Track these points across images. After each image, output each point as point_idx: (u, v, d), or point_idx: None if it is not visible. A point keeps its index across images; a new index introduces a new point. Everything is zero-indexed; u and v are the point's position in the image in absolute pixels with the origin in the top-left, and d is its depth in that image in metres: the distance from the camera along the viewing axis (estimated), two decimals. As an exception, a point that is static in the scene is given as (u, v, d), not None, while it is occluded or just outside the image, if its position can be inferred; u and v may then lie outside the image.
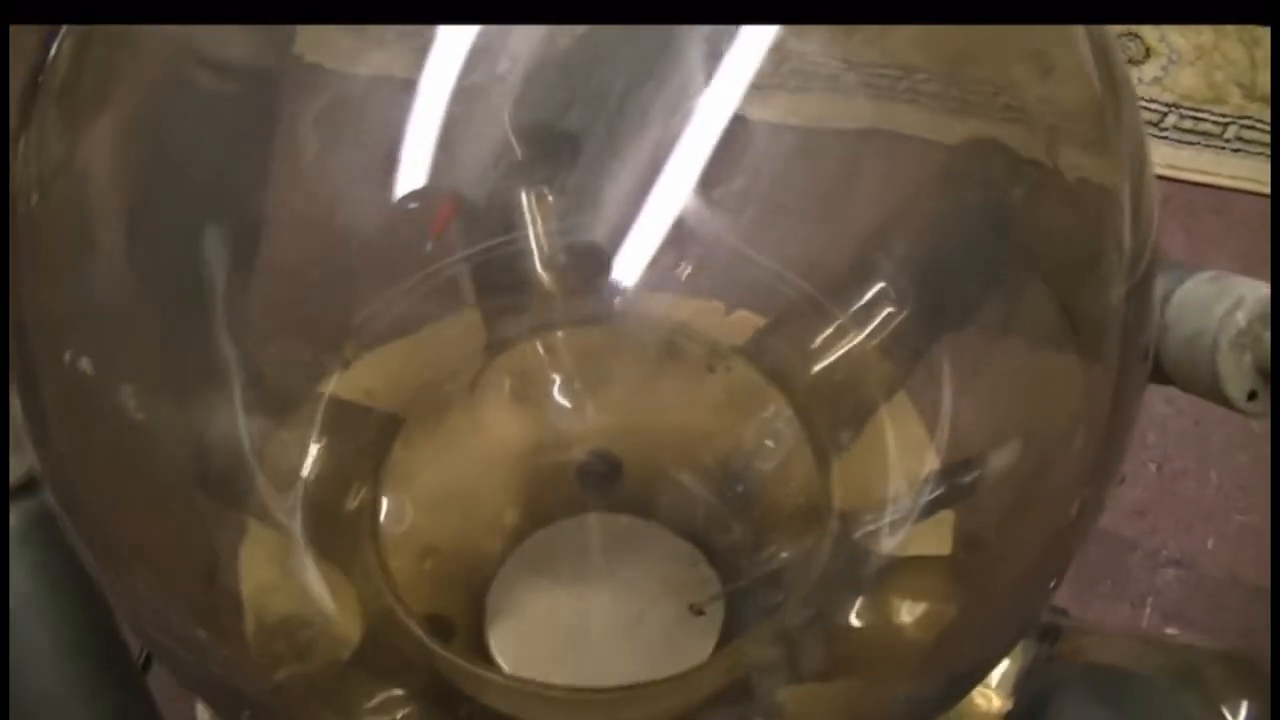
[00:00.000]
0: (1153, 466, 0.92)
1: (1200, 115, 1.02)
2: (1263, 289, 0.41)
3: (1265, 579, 0.89)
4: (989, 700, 0.49)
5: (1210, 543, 0.90)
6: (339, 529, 0.48)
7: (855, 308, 0.49)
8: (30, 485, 0.40)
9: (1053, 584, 0.40)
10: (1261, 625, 0.86)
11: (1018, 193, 0.44)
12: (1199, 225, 1.01)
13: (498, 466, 0.55)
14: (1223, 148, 1.01)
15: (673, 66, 0.45)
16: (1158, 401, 0.94)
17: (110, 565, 0.39)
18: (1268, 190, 0.99)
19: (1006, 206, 0.45)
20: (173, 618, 0.40)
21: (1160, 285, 0.42)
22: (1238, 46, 1.03)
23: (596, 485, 0.56)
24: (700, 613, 0.52)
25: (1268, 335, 0.40)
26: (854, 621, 0.45)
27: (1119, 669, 0.46)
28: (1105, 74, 0.40)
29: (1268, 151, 1.00)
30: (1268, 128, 1.01)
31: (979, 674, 0.41)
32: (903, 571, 0.45)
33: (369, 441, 0.50)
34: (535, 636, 0.52)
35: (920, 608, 0.44)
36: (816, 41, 0.49)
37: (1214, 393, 0.41)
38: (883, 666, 0.44)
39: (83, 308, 0.41)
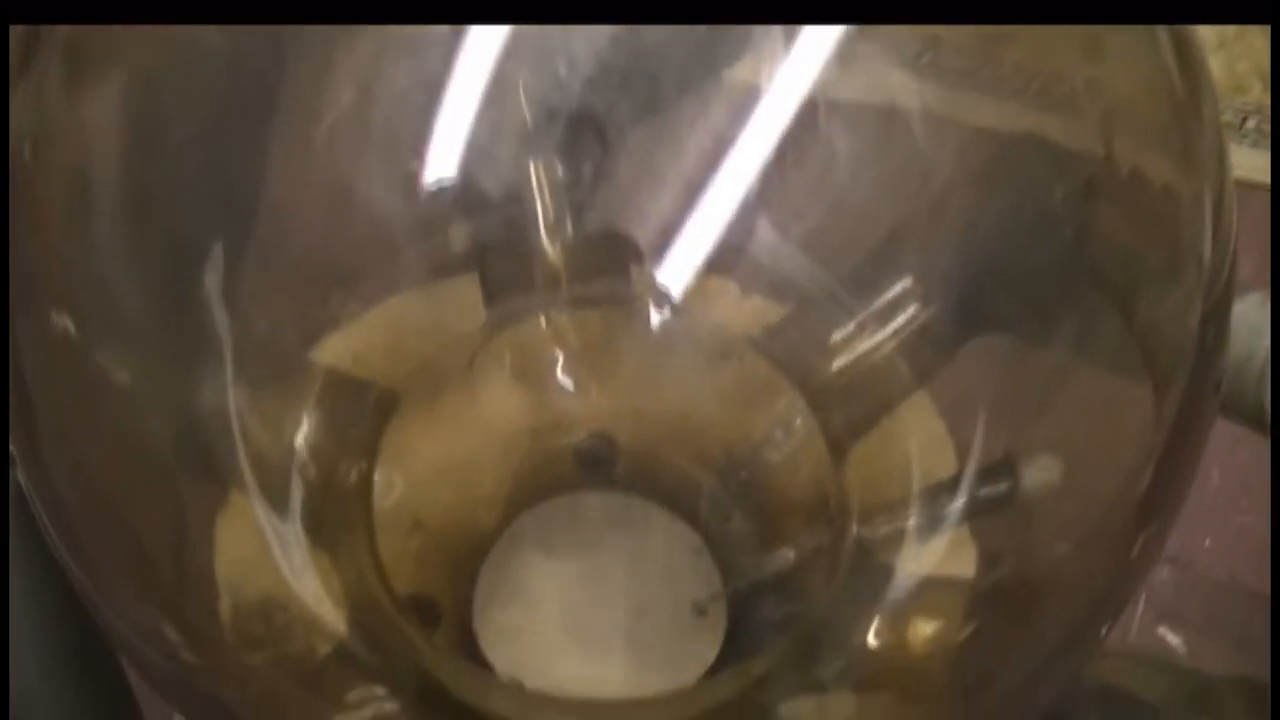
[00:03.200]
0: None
1: (1220, 106, 0.99)
2: None
3: (1262, 582, 0.88)
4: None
5: (1208, 542, 0.89)
6: (327, 505, 0.46)
7: (879, 304, 0.47)
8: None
9: (1105, 631, 0.37)
10: (1258, 627, 0.84)
11: (1065, 192, 0.41)
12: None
13: (494, 444, 0.52)
14: (1241, 140, 0.99)
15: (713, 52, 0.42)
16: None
17: (77, 549, 0.36)
18: None
19: (1054, 208, 0.42)
20: (138, 608, 0.37)
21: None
22: (1260, 36, 1.01)
23: (594, 468, 0.54)
24: (703, 612, 0.50)
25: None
26: (871, 641, 0.43)
27: (1132, 696, 0.44)
28: (1181, 63, 0.37)
29: (1283, 145, 0.98)
30: (1284, 121, 0.99)
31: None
32: (924, 591, 0.43)
33: (361, 416, 0.48)
34: (527, 627, 0.50)
35: (941, 632, 0.42)
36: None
37: (1257, 420, 0.39)
38: (899, 693, 0.42)
39: (70, 266, 0.39)
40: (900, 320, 0.46)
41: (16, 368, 0.36)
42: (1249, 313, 0.39)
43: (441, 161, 0.47)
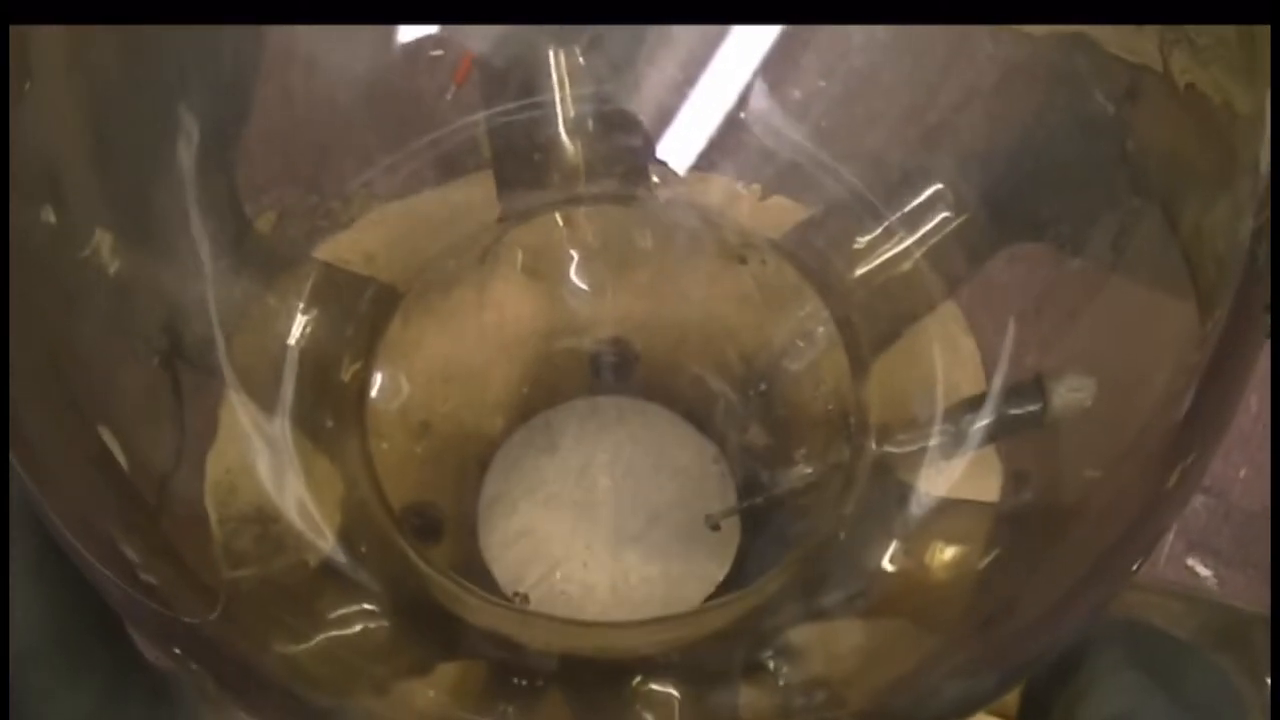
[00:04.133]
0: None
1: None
2: None
3: (1295, 515, 0.85)
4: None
5: (1243, 472, 0.86)
6: (325, 406, 0.44)
7: (908, 208, 0.45)
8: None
9: (1136, 565, 0.35)
10: (1289, 561, 0.82)
11: (1108, 93, 0.39)
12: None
13: (505, 346, 0.50)
14: None
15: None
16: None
17: (36, 461, 0.34)
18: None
19: (1096, 109, 0.39)
20: (109, 526, 0.36)
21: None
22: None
23: (611, 373, 0.52)
24: (716, 527, 0.48)
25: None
26: (886, 566, 0.41)
27: (1158, 631, 0.42)
28: None
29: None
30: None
31: (1037, 662, 0.36)
32: (944, 514, 0.41)
33: (365, 313, 0.46)
34: (533, 531, 0.48)
35: (960, 557, 0.40)
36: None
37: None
38: (914, 620, 0.40)
39: (54, 150, 0.37)
40: (930, 225, 0.44)
41: None
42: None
43: (456, 47, 0.45)
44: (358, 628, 0.39)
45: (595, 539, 0.48)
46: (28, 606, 0.36)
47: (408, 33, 0.44)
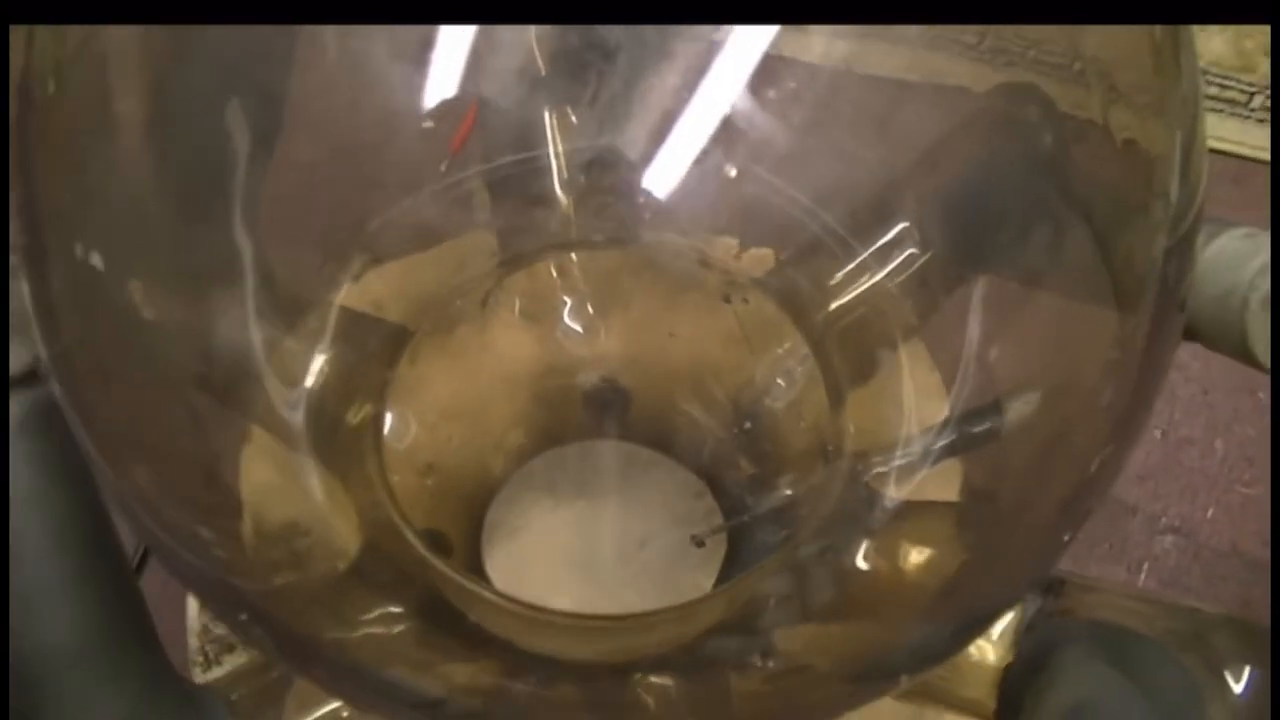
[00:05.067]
0: (1158, 432, 0.92)
1: (1227, 83, 1.00)
2: None
3: (1265, 552, 0.89)
4: (988, 653, 0.49)
5: (1211, 512, 0.90)
6: (341, 440, 0.47)
7: (877, 246, 0.49)
8: (31, 377, 0.39)
9: (1067, 538, 0.39)
10: (1259, 597, 0.85)
11: (1055, 137, 0.43)
12: (1216, 193, 0.99)
13: (505, 386, 0.54)
14: (1248, 117, 0.99)
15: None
16: (1166, 368, 0.93)
17: (112, 459, 0.38)
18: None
19: (1045, 150, 0.43)
20: (173, 514, 0.39)
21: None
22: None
23: (604, 412, 0.55)
24: (701, 544, 0.51)
25: (1300, 294, 0.39)
26: (861, 563, 0.44)
27: (1124, 629, 0.45)
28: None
29: (1290, 123, 0.99)
30: (1293, 100, 1.00)
31: (986, 622, 0.40)
32: (911, 516, 0.44)
33: (376, 354, 0.49)
34: (532, 558, 0.52)
35: (928, 553, 0.44)
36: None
37: (1241, 352, 0.40)
38: (889, 610, 0.44)
39: (97, 197, 0.40)
40: (897, 261, 0.48)
41: (48, 301, 0.38)
42: (1232, 243, 0.40)
43: (456, 108, 0.48)
44: (385, 628, 0.42)
45: (587, 562, 0.52)
46: (73, 610, 0.39)
47: (402, 101, 0.47)
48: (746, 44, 0.45)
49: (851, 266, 0.49)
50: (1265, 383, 0.93)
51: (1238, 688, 0.46)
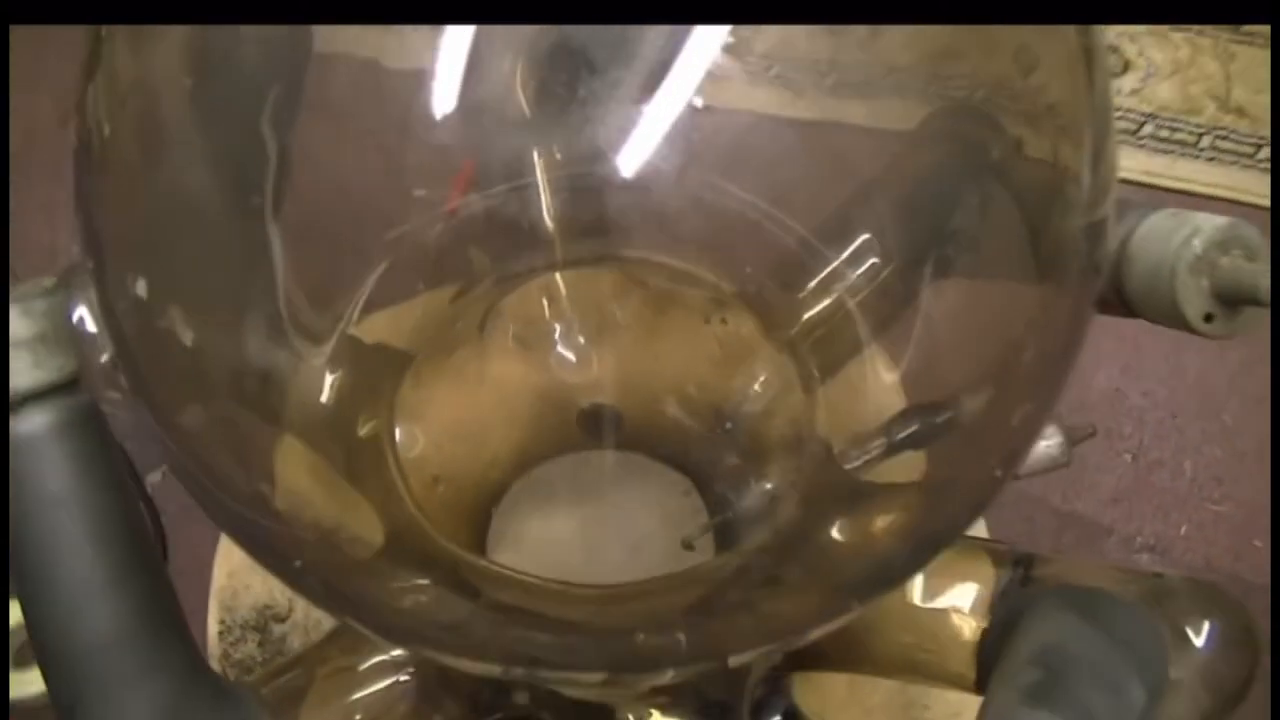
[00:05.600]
0: (1128, 457, 0.96)
1: (1176, 125, 1.05)
2: (1218, 219, 0.43)
3: (1237, 565, 0.92)
4: (964, 627, 0.52)
5: (1184, 529, 0.94)
6: (355, 453, 0.51)
7: (843, 257, 0.53)
8: (72, 384, 0.42)
9: (1001, 475, 0.43)
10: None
11: (996, 150, 0.48)
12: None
13: (503, 406, 0.58)
14: (1197, 156, 1.04)
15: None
16: (1134, 394, 0.97)
17: (180, 442, 0.42)
18: (1240, 198, 1.02)
19: (986, 160, 0.48)
20: (237, 482, 0.43)
21: (1125, 223, 0.45)
22: (1212, 62, 1.07)
23: (597, 429, 0.59)
24: (691, 547, 0.55)
25: (1224, 260, 0.42)
26: (835, 535, 0.48)
27: (1091, 588, 0.49)
28: (1083, 38, 0.43)
29: (1240, 160, 1.04)
30: (1240, 138, 1.04)
31: (946, 542, 0.44)
32: (880, 496, 0.49)
33: (380, 376, 0.53)
34: (531, 562, 0.55)
35: (894, 521, 0.48)
36: (805, 45, 0.52)
37: (1174, 318, 0.44)
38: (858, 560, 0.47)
39: (143, 229, 0.44)
40: (861, 270, 0.52)
41: (116, 326, 0.41)
42: (1159, 221, 0.44)
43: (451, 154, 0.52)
44: (415, 597, 0.46)
45: (585, 565, 0.55)
46: (114, 603, 0.43)
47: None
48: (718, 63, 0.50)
49: (820, 278, 0.53)
50: (1230, 405, 0.97)
51: (1199, 641, 0.50)
